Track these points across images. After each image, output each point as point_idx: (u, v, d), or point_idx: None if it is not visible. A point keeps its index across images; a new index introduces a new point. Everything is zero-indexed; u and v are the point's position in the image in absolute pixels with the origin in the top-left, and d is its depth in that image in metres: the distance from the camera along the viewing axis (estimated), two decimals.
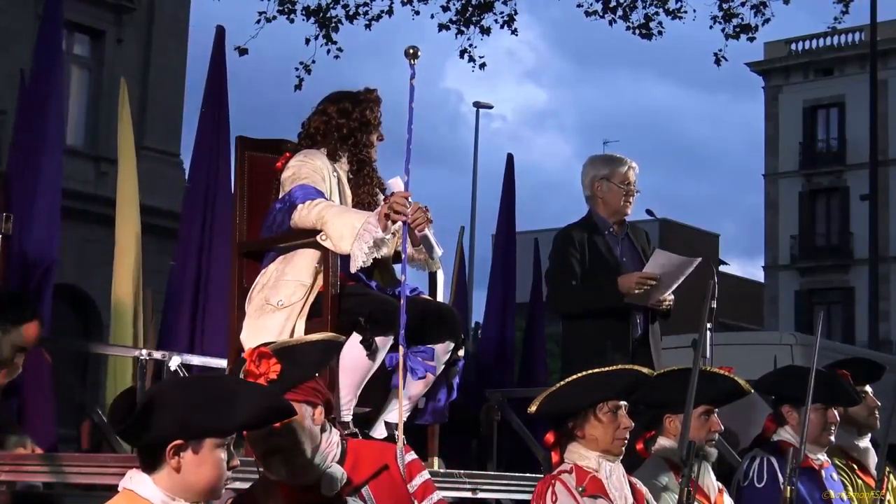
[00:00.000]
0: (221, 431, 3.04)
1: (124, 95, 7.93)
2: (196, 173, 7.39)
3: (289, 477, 3.42)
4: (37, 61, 6.43)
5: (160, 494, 3.01)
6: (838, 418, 5.37)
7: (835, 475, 5.36)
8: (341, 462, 3.51)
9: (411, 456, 3.66)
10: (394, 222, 4.71)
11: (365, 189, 5.05)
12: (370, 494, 3.52)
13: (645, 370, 4.37)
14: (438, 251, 5.04)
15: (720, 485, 4.84)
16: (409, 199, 4.73)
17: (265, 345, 3.47)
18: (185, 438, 2.99)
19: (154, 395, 3.00)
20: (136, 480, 3.05)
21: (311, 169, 4.92)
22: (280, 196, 4.93)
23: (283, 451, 3.39)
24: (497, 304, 9.18)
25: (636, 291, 6.01)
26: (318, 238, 4.75)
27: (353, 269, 4.73)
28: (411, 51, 4.85)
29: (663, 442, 4.79)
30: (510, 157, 9.38)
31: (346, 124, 5.08)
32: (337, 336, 3.62)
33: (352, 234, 4.66)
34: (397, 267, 5.18)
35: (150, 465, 3.02)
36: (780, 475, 5.01)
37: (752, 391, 4.96)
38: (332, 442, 3.50)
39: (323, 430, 3.48)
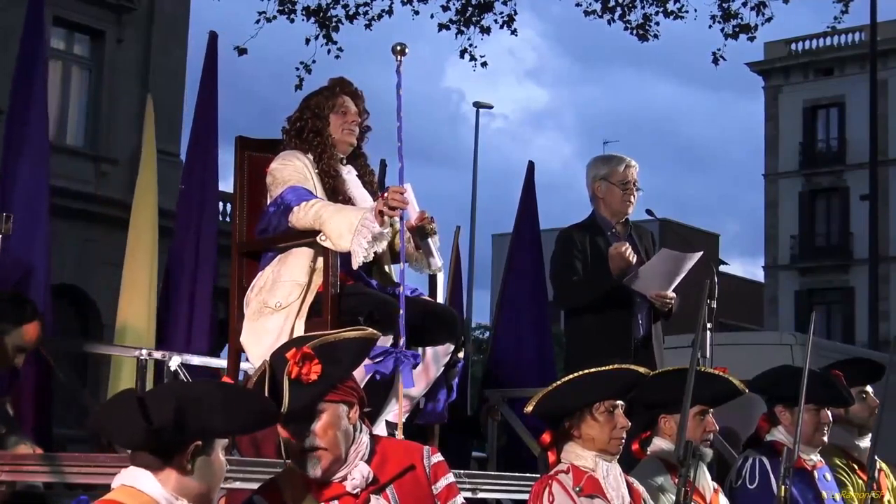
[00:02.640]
0: (232, 434, 3.05)
1: (150, 108, 7.95)
2: (189, 176, 7.46)
3: (323, 475, 3.45)
4: (20, 59, 6.45)
5: (164, 493, 2.99)
6: (831, 419, 5.36)
7: (828, 475, 5.36)
8: (369, 460, 3.54)
9: (438, 457, 3.67)
10: (390, 217, 4.72)
11: (327, 180, 5.01)
12: (394, 493, 3.53)
13: (642, 369, 4.37)
14: (438, 262, 5.04)
15: (715, 485, 4.85)
16: (410, 197, 4.75)
17: (305, 340, 3.48)
18: (205, 440, 3.00)
19: (182, 396, 2.99)
20: (137, 477, 3.01)
21: (292, 170, 4.95)
22: (270, 200, 4.95)
23: (320, 451, 3.42)
24: (525, 309, 9.08)
25: (616, 252, 5.98)
26: (317, 238, 4.76)
27: (354, 266, 4.73)
28: (398, 47, 4.89)
29: (659, 442, 4.79)
30: (531, 165, 9.38)
31: (299, 117, 5.12)
32: (374, 332, 3.62)
33: (350, 230, 4.67)
34: (395, 268, 5.19)
35: (164, 465, 3.00)
36: (772, 476, 5.00)
37: (748, 391, 4.96)
38: (362, 441, 3.54)
39: (356, 428, 3.52)
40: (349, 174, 5.15)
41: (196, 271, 7.22)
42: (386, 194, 4.71)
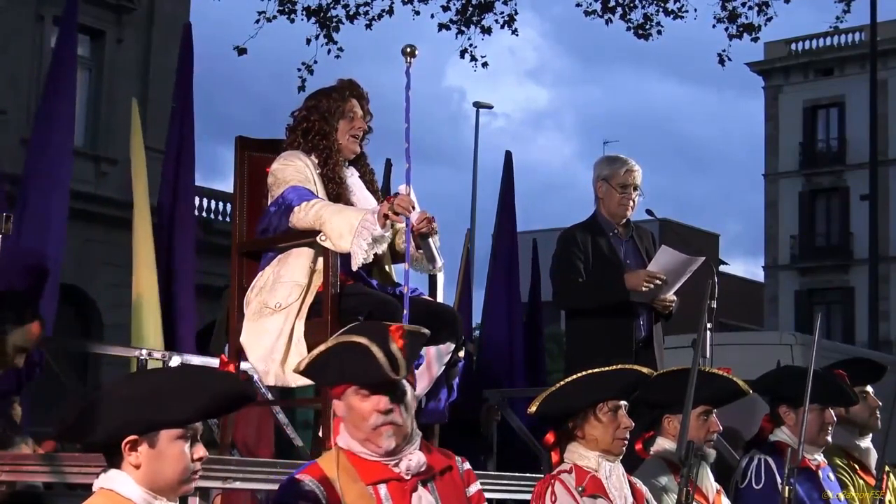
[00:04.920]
0: (174, 423, 3.01)
1: (135, 108, 7.90)
2: (167, 168, 7.47)
3: (393, 451, 3.54)
4: (53, 65, 6.52)
5: (142, 493, 2.99)
6: (835, 418, 5.36)
7: (832, 475, 5.36)
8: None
9: (468, 465, 3.81)
10: (393, 223, 4.72)
11: (331, 186, 5.00)
12: (435, 489, 3.62)
13: (645, 369, 4.36)
14: (439, 262, 5.03)
15: (718, 485, 4.84)
16: (414, 202, 4.74)
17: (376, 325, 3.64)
18: (136, 433, 2.97)
19: (98, 395, 2.99)
20: (115, 479, 3.01)
21: (294, 170, 4.94)
22: (271, 200, 4.94)
23: (396, 427, 3.53)
24: (501, 303, 9.13)
25: (643, 289, 6.00)
26: (318, 238, 4.75)
27: (353, 267, 4.73)
28: (409, 49, 4.86)
29: (662, 442, 4.79)
30: (508, 155, 9.36)
31: (307, 117, 5.10)
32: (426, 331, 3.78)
33: (350, 231, 4.67)
34: (396, 267, 5.19)
35: (111, 464, 3.01)
36: (778, 476, 5.01)
37: (752, 391, 4.95)
38: (416, 430, 3.66)
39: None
40: (352, 177, 5.14)
41: (178, 267, 7.18)
42: (394, 198, 4.71)
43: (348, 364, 3.51)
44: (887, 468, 5.67)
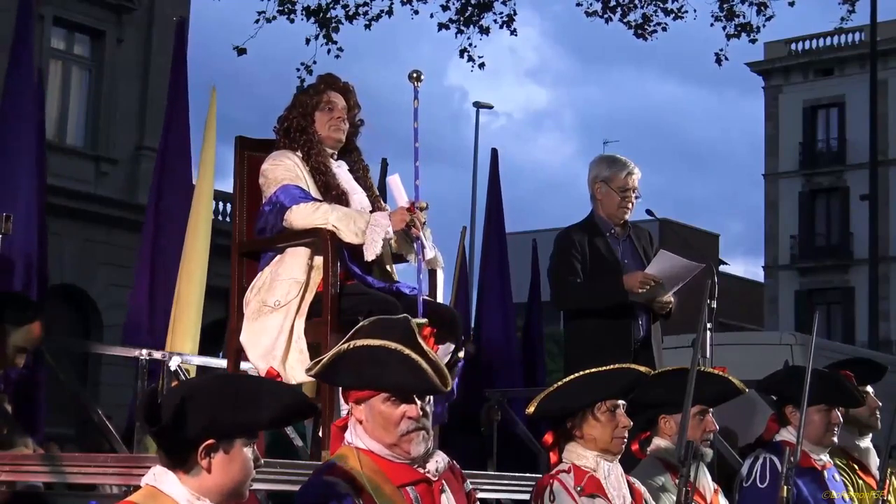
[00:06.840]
0: (250, 430, 3.05)
1: (213, 95, 7.76)
2: (160, 166, 7.45)
3: (422, 456, 3.52)
4: (12, 57, 6.43)
5: (186, 493, 2.99)
6: (841, 419, 5.36)
7: (837, 476, 5.36)
8: None
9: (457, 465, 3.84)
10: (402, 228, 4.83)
11: (318, 177, 5.03)
12: (446, 485, 3.63)
13: (643, 369, 4.37)
14: (430, 253, 5.04)
15: (715, 485, 4.85)
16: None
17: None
18: (216, 438, 2.99)
19: (187, 394, 2.99)
20: (161, 478, 3.02)
21: (284, 169, 4.99)
22: (265, 199, 4.98)
23: (427, 431, 3.52)
24: (495, 302, 9.14)
25: (639, 290, 6.01)
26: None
27: (369, 258, 4.81)
28: (415, 74, 4.91)
29: (658, 442, 4.79)
30: (494, 152, 9.37)
31: (287, 116, 5.16)
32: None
33: (362, 229, 4.77)
34: (396, 267, 5.20)
35: (178, 465, 3.01)
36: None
37: (747, 391, 4.95)
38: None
39: None
40: (339, 168, 5.17)
41: (169, 265, 7.15)
42: (416, 211, 4.80)
43: (386, 371, 3.45)
44: (890, 469, 5.67)
